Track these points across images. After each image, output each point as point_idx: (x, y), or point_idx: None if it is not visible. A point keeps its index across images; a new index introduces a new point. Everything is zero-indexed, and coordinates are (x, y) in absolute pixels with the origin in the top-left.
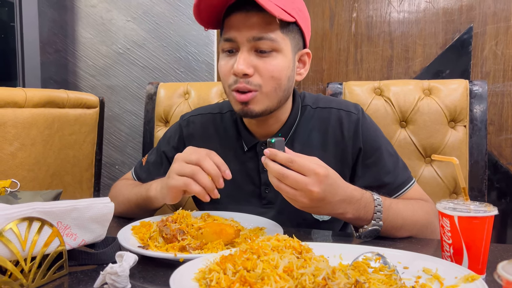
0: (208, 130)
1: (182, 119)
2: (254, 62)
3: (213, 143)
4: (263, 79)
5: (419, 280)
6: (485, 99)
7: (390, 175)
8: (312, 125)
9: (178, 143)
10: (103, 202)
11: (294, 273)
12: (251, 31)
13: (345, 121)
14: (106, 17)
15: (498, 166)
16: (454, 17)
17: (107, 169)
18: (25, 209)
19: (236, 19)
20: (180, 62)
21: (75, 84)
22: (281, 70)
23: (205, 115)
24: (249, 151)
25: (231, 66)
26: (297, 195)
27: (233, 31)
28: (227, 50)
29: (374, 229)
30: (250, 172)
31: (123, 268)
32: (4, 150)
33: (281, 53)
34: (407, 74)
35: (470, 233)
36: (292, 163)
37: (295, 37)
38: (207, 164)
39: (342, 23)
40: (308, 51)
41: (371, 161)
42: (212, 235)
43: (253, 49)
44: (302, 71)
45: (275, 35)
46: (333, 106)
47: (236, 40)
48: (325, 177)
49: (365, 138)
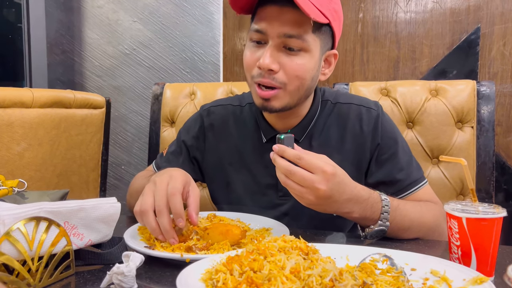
0: (227, 121)
1: (202, 109)
2: (281, 58)
3: (232, 134)
4: (288, 77)
5: (426, 282)
6: (493, 100)
7: (403, 172)
8: (331, 120)
9: (198, 132)
10: (110, 202)
11: (301, 274)
12: (283, 27)
13: (365, 116)
14: (113, 18)
15: (506, 167)
16: (461, 17)
17: (113, 170)
18: (32, 209)
19: (269, 11)
20: (186, 63)
21: (82, 85)
22: (306, 70)
23: (226, 106)
24: (268, 143)
25: (257, 58)
26: (303, 192)
27: (265, 23)
28: (255, 41)
29: (381, 229)
30: (268, 164)
31: (130, 268)
32: (12, 150)
33: (309, 53)
34: (414, 75)
35: (478, 235)
36: (300, 160)
37: (326, 38)
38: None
39: (349, 23)
40: (336, 52)
41: (386, 156)
42: (218, 236)
43: (282, 44)
44: (327, 71)
45: (307, 35)
46: (353, 102)
47: (266, 33)
48: (333, 176)
49: (384, 134)
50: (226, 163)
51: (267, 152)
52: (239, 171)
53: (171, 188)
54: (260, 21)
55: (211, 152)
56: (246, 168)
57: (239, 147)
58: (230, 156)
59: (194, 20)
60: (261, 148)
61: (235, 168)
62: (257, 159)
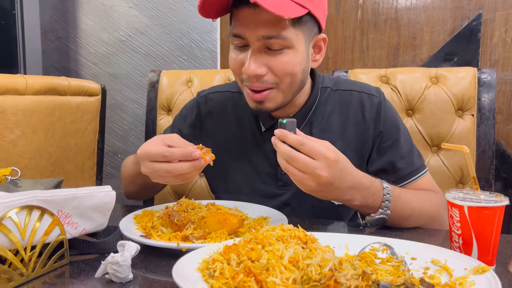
0: (226, 108)
1: (199, 96)
2: (266, 60)
3: (231, 122)
4: (278, 77)
5: (427, 271)
6: (494, 88)
7: (404, 160)
8: (332, 107)
9: (195, 120)
10: (104, 190)
11: (300, 263)
12: (261, 29)
13: (367, 103)
14: (108, 4)
15: (506, 155)
16: (463, 3)
17: (110, 158)
18: (24, 197)
19: (244, 14)
20: (182, 50)
21: (77, 72)
22: (294, 65)
23: (223, 93)
24: (267, 132)
25: (242, 61)
26: (304, 178)
27: (242, 27)
28: (237, 45)
29: (381, 217)
30: (268, 153)
31: (125, 258)
32: (5, 138)
33: (293, 49)
34: (414, 62)
35: (480, 224)
36: (302, 145)
37: (309, 27)
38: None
39: (348, 9)
40: (324, 36)
41: (387, 144)
42: (216, 225)
43: (264, 46)
44: (318, 57)
45: (287, 32)
46: (354, 88)
47: (245, 37)
48: (335, 162)
49: (386, 122)
50: (224, 151)
51: (266, 141)
52: (238, 160)
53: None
54: (237, 26)
55: (208, 141)
56: (245, 157)
57: (238, 136)
58: (229, 144)
59: (191, 6)
60: (260, 137)
61: (234, 157)
62: (256, 148)
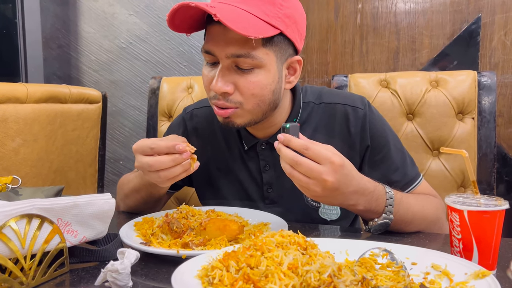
0: (212, 124)
1: (185, 112)
2: (234, 78)
3: (217, 138)
4: (244, 97)
5: (427, 276)
6: (494, 91)
7: (398, 172)
8: (317, 122)
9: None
10: (104, 198)
11: (299, 270)
12: (230, 47)
13: (352, 117)
14: (109, 11)
15: (507, 158)
16: (462, 6)
17: (112, 165)
18: (24, 206)
19: (214, 31)
20: (183, 56)
21: (78, 79)
22: (263, 86)
23: (209, 107)
24: (250, 151)
25: (212, 78)
26: (310, 183)
27: (212, 44)
28: (208, 62)
29: (384, 222)
30: (252, 172)
31: (124, 266)
32: (6, 146)
33: (264, 69)
34: (414, 66)
35: (480, 228)
36: (307, 150)
37: (282, 48)
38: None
39: (347, 14)
40: (299, 58)
41: (378, 158)
42: (216, 231)
43: (233, 64)
44: (292, 79)
45: (256, 52)
46: (338, 101)
47: (215, 55)
48: (340, 167)
49: (373, 135)
50: (214, 168)
51: (250, 160)
52: (227, 177)
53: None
54: (208, 42)
55: (198, 157)
56: (233, 174)
57: (225, 152)
58: (217, 160)
59: None
60: (245, 156)
61: (224, 173)
62: (243, 167)
